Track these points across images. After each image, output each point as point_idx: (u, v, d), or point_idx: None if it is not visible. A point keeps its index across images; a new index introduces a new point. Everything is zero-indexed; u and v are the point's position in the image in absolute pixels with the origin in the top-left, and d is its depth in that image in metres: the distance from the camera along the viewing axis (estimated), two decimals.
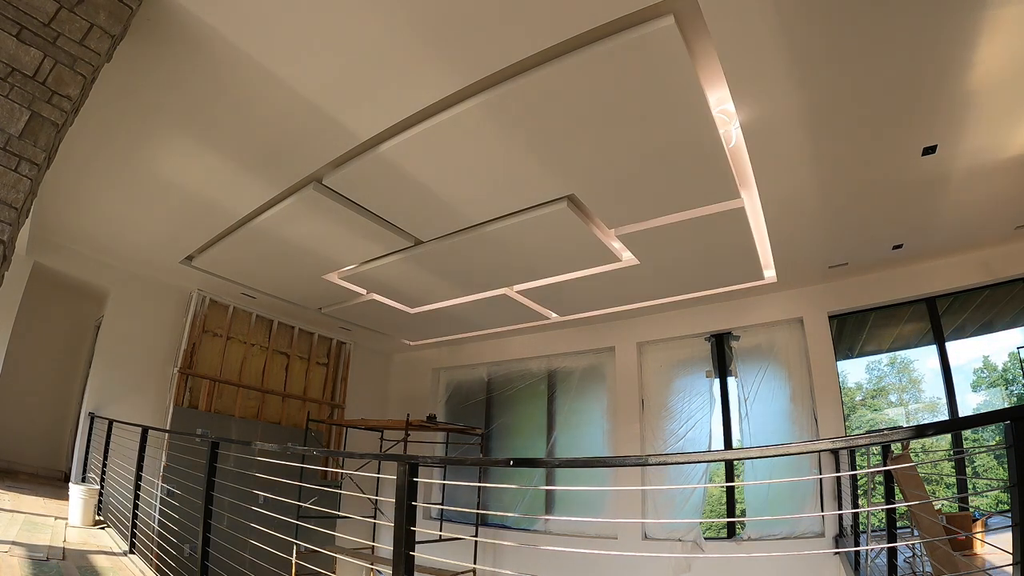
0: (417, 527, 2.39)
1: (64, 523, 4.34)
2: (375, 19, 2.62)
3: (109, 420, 5.44)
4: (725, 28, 2.55)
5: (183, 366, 6.62)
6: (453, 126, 3.29)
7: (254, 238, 5.11)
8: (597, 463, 3.11)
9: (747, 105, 3.07)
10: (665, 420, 6.59)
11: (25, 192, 2.13)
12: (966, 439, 5.84)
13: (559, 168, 3.74)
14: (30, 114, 2.16)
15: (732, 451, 6.32)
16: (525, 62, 2.83)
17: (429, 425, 7.00)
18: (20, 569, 2.91)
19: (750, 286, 5.82)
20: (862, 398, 7.97)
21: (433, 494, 8.04)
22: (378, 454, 3.09)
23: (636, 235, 4.62)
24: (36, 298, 5.94)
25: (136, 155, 3.96)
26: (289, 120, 3.41)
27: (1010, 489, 1.44)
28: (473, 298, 6.33)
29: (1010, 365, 5.95)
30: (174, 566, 4.04)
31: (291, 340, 7.95)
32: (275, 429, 7.47)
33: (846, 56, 2.73)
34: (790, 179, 3.83)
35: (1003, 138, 3.38)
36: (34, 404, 6.34)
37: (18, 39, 2.15)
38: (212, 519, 3.58)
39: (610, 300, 6.41)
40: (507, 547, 6.83)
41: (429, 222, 4.63)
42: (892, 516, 3.80)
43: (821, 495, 5.45)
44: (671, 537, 6.09)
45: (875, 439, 1.90)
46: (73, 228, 5.36)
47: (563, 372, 7.79)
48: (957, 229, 4.65)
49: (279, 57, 2.90)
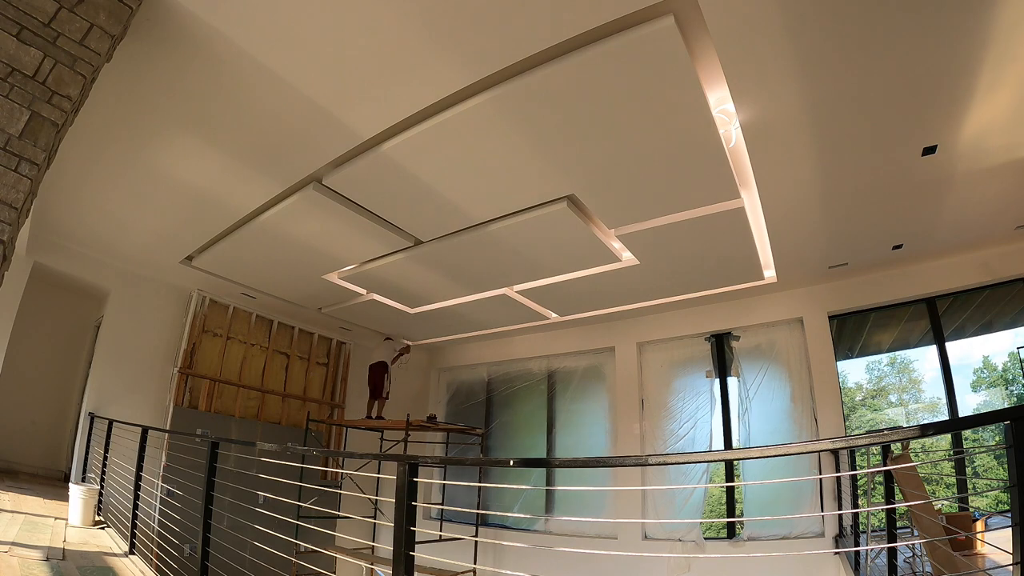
0: (417, 527, 2.39)
1: (64, 523, 4.34)
2: (376, 18, 2.62)
3: (109, 420, 5.44)
4: (725, 28, 2.55)
5: (183, 366, 6.62)
6: (452, 126, 3.29)
7: (254, 238, 5.11)
8: (597, 463, 3.10)
9: (747, 105, 3.07)
10: (665, 420, 6.59)
11: (25, 192, 2.13)
12: (966, 439, 5.84)
13: (559, 168, 3.75)
14: (30, 114, 2.16)
15: (732, 451, 6.32)
16: (525, 62, 2.83)
17: (429, 425, 7.01)
18: (20, 569, 2.91)
19: (750, 286, 5.82)
20: (862, 398, 7.97)
21: (433, 494, 8.04)
22: (378, 454, 3.09)
23: (636, 235, 4.62)
24: (36, 298, 5.94)
25: (136, 155, 3.96)
26: (290, 119, 3.41)
27: (1010, 489, 1.44)
28: (473, 298, 6.34)
29: (1010, 365, 5.94)
30: (174, 566, 4.04)
31: (291, 340, 7.94)
32: (275, 429, 7.47)
33: (846, 56, 2.73)
34: (790, 179, 3.83)
35: (1003, 138, 3.38)
36: (34, 404, 6.33)
37: (18, 39, 2.15)
38: (212, 519, 3.58)
39: (610, 300, 6.41)
40: (507, 547, 6.83)
41: (429, 222, 4.64)
42: (892, 516, 3.80)
43: (821, 495, 5.45)
44: (671, 537, 6.09)
45: (875, 439, 1.90)
46: (73, 228, 5.36)
47: (563, 372, 7.78)
48: (957, 229, 4.65)
49: (280, 56, 2.90)
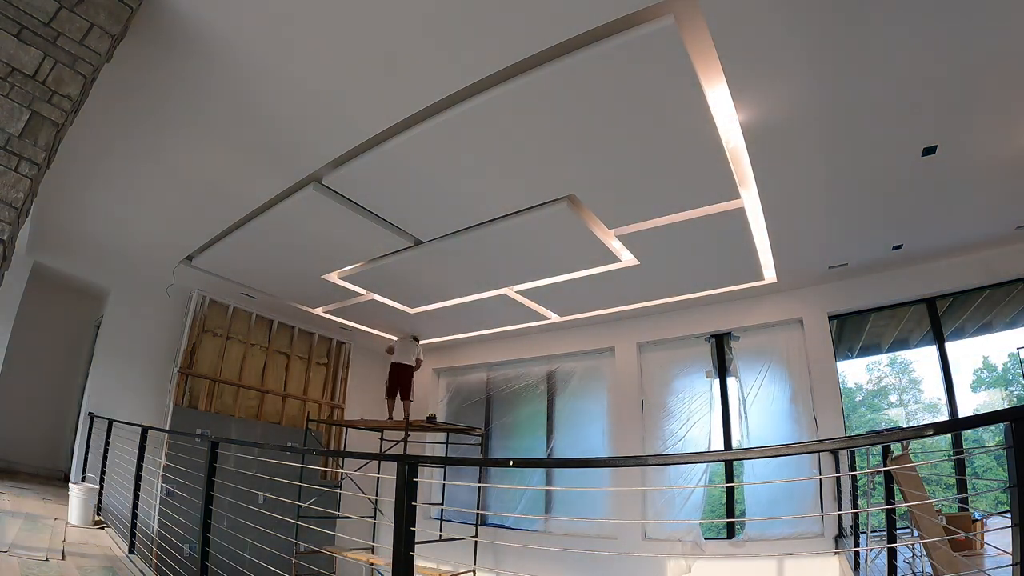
0: (417, 527, 2.39)
1: (64, 523, 4.34)
2: (376, 17, 2.62)
3: (109, 420, 5.44)
4: (725, 28, 2.55)
5: (183, 366, 6.61)
6: (452, 126, 3.29)
7: (254, 238, 5.11)
8: (597, 463, 3.10)
9: (747, 105, 3.06)
10: (665, 420, 6.59)
11: (25, 192, 2.13)
12: (965, 439, 5.84)
13: (559, 168, 3.74)
14: (30, 114, 2.16)
15: (732, 451, 6.32)
16: (525, 62, 2.83)
17: (429, 425, 7.01)
18: (20, 569, 2.91)
19: (750, 286, 5.82)
20: (862, 398, 7.96)
21: (433, 494, 8.03)
22: (378, 454, 3.10)
23: (636, 235, 4.61)
24: (36, 298, 5.94)
25: (136, 154, 3.95)
26: (290, 119, 3.41)
27: (1010, 490, 1.44)
28: (473, 298, 6.33)
29: (1010, 365, 5.95)
30: (174, 566, 4.04)
31: (291, 340, 7.94)
32: (275, 429, 7.47)
33: (846, 56, 2.73)
34: (790, 179, 3.83)
35: (1003, 138, 3.38)
36: (34, 404, 6.33)
37: (18, 39, 2.15)
38: (212, 519, 3.58)
39: (610, 300, 6.41)
40: (507, 547, 6.83)
41: (429, 222, 4.64)
42: (892, 516, 3.80)
43: (821, 495, 5.44)
44: (671, 537, 6.09)
45: (875, 439, 1.90)
46: (73, 228, 5.35)
47: (563, 372, 7.78)
48: (957, 229, 4.65)
49: (280, 55, 2.90)
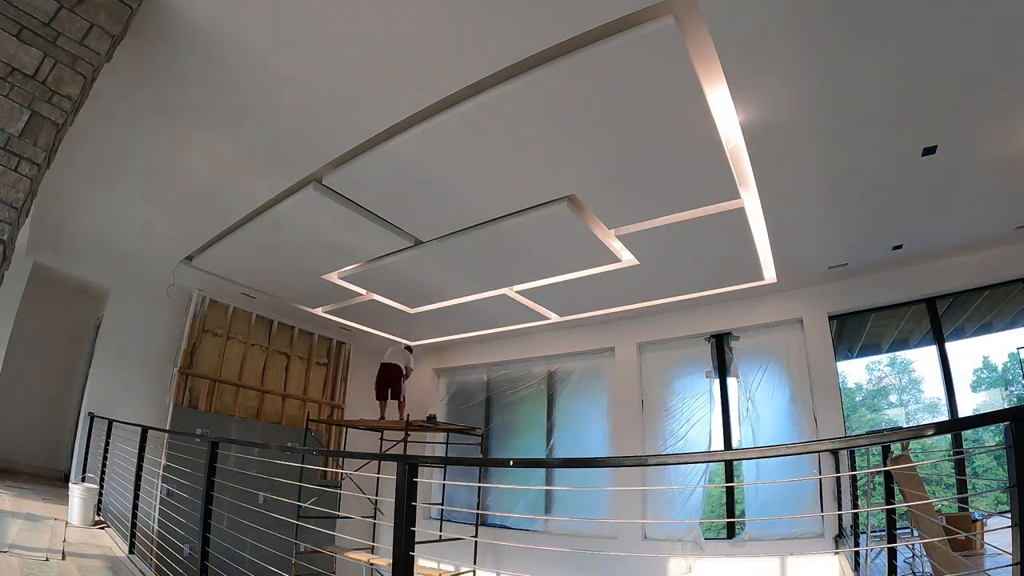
0: (417, 527, 2.39)
1: (64, 523, 4.33)
2: (376, 17, 2.62)
3: (109, 420, 5.43)
4: (725, 28, 2.55)
5: (183, 366, 6.61)
6: (452, 126, 3.29)
7: (254, 238, 5.10)
8: (597, 463, 3.10)
9: (747, 105, 3.06)
10: (665, 420, 6.59)
11: (25, 192, 2.13)
12: (965, 439, 5.84)
13: (559, 168, 3.74)
14: (30, 114, 2.16)
15: (732, 451, 6.31)
16: (525, 62, 2.83)
17: (429, 425, 7.01)
18: (20, 569, 2.91)
19: (750, 286, 5.81)
20: (862, 398, 7.96)
21: (433, 494, 8.03)
22: (378, 454, 3.10)
23: (636, 235, 4.61)
24: (36, 298, 5.93)
25: (136, 154, 3.95)
26: (290, 119, 3.41)
27: (1010, 490, 1.44)
28: (473, 298, 6.33)
29: (1010, 365, 5.94)
30: (174, 566, 4.03)
31: (291, 340, 7.94)
32: (275, 429, 7.47)
33: (846, 56, 2.73)
34: (790, 179, 3.83)
35: (1003, 138, 3.38)
36: (34, 404, 6.32)
37: (18, 39, 2.15)
38: (212, 519, 3.58)
39: (610, 300, 6.40)
40: (507, 547, 6.82)
41: (429, 222, 4.64)
42: (892, 516, 3.80)
43: (821, 495, 5.44)
44: (671, 537, 6.09)
45: (875, 439, 1.90)
46: (73, 228, 5.35)
47: (563, 372, 7.78)
48: (957, 229, 4.65)
49: (280, 55, 2.90)
